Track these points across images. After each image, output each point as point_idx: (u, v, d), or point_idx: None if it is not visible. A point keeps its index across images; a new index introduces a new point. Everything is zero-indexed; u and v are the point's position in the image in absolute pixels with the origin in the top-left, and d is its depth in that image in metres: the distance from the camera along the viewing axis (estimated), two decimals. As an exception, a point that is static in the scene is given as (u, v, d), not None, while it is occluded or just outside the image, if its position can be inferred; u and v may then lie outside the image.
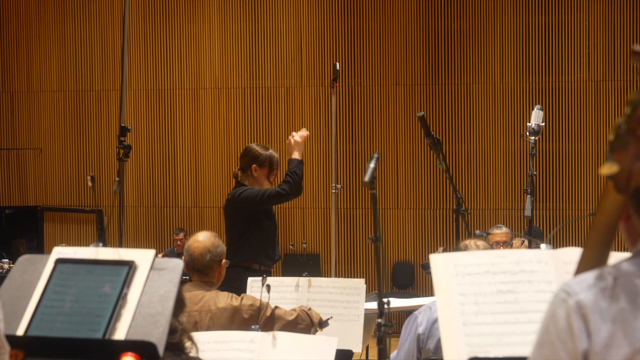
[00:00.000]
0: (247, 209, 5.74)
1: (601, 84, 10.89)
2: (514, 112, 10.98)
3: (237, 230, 5.77)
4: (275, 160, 5.93)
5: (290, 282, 4.88)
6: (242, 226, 5.77)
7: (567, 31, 10.96)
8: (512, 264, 2.50)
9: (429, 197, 11.26)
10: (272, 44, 11.64)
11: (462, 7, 11.16)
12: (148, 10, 11.96)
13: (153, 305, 2.33)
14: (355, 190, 11.28)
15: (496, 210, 11.02)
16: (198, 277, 4.17)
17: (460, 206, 5.14)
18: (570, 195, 10.95)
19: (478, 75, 11.12)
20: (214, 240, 4.19)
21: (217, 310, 4.07)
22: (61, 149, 12.21)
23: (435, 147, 4.90)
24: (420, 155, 11.21)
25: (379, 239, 2.78)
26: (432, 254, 2.53)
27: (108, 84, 12.07)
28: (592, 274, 1.71)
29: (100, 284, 2.37)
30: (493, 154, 11.10)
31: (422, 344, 3.78)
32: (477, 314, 2.41)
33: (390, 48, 11.32)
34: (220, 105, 11.82)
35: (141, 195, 11.98)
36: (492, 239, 6.74)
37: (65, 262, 2.40)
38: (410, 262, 11.27)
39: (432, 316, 3.80)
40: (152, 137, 11.96)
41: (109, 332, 2.25)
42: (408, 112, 11.18)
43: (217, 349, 3.48)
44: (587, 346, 1.63)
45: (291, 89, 11.61)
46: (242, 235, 5.72)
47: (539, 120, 6.05)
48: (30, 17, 12.29)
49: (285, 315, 4.18)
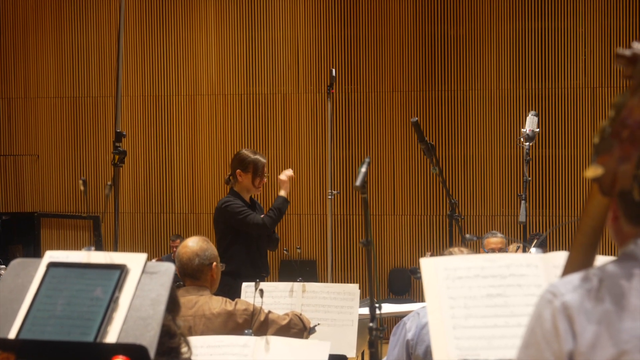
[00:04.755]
0: (228, 221, 5.80)
1: (596, 91, 10.91)
2: (510, 118, 11.00)
3: (224, 242, 5.81)
4: (260, 165, 5.92)
5: (285, 287, 4.89)
6: (230, 236, 5.81)
7: (562, 38, 10.98)
8: (502, 268, 2.51)
9: (425, 204, 11.27)
10: (269, 51, 11.65)
11: (458, 14, 11.19)
12: (145, 16, 11.98)
13: (145, 309, 2.33)
14: (351, 196, 11.29)
15: (492, 216, 11.03)
16: (191, 282, 4.18)
17: (454, 211, 5.15)
18: (566, 201, 10.96)
19: (473, 82, 11.14)
20: (202, 244, 4.21)
21: (211, 315, 4.08)
22: (58, 156, 12.21)
23: (429, 152, 4.91)
24: (417, 162, 11.22)
25: (370, 242, 2.79)
26: (422, 258, 2.54)
27: (105, 91, 12.08)
28: (578, 276, 1.73)
29: (92, 287, 2.38)
30: (489, 161, 11.12)
31: (411, 349, 3.78)
32: (467, 318, 2.42)
33: (386, 55, 11.34)
34: (216, 111, 11.83)
35: (138, 201, 11.99)
36: (487, 246, 6.74)
37: (58, 265, 2.41)
38: (407, 269, 11.27)
39: (420, 322, 3.80)
40: (149, 144, 11.97)
41: (100, 335, 2.26)
42: (404, 118, 11.20)
43: (211, 353, 3.49)
44: (572, 347, 1.64)
45: (287, 95, 11.63)
46: (228, 249, 5.75)
47: (534, 126, 6.07)
48: (27, 24, 12.31)
49: (278, 320, 4.19)
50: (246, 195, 5.97)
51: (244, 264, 5.77)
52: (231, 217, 5.77)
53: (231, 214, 5.76)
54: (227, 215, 5.79)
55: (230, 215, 5.77)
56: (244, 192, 5.95)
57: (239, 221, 5.74)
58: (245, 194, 5.96)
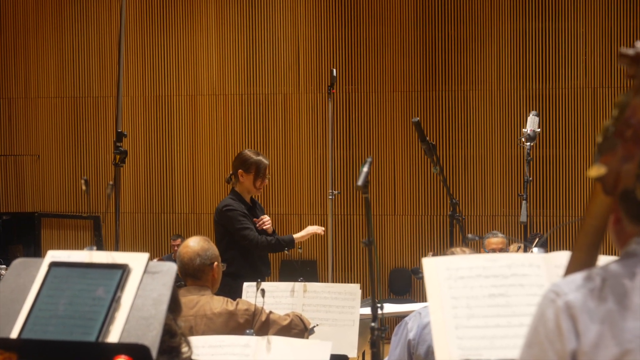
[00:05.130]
0: (226, 225, 5.82)
1: (598, 91, 10.91)
2: (511, 118, 11.00)
3: (224, 243, 5.82)
4: (262, 167, 5.91)
5: (286, 287, 4.89)
6: (228, 237, 5.83)
7: (564, 38, 10.98)
8: (504, 268, 2.51)
9: (426, 204, 11.27)
10: (270, 51, 11.65)
11: (459, 14, 11.19)
12: (145, 16, 11.97)
13: (146, 309, 2.34)
14: (352, 196, 11.29)
15: (493, 216, 11.03)
16: (192, 282, 4.18)
17: (455, 211, 5.14)
18: (567, 201, 10.96)
19: (475, 82, 11.13)
20: (203, 244, 4.21)
21: (213, 314, 4.08)
22: (59, 156, 12.21)
23: (430, 152, 4.91)
24: (418, 162, 11.22)
25: (372, 242, 2.79)
26: (425, 258, 2.54)
27: (106, 91, 12.09)
28: (581, 275, 1.73)
29: (94, 287, 2.38)
30: (490, 161, 11.12)
31: (412, 349, 3.78)
32: (469, 318, 2.42)
33: (387, 54, 11.34)
34: (217, 111, 11.83)
35: (138, 201, 11.99)
36: (488, 246, 6.73)
37: (59, 265, 2.41)
38: (407, 269, 11.27)
39: (422, 322, 3.81)
40: (150, 144, 11.97)
41: (102, 335, 2.26)
42: (405, 118, 11.20)
43: (212, 353, 3.49)
44: (575, 346, 1.64)
45: (288, 95, 11.63)
46: (228, 249, 5.75)
47: (535, 126, 6.08)
48: (28, 23, 12.31)
49: (279, 320, 4.20)
50: (247, 195, 5.98)
51: (244, 265, 5.78)
52: (229, 223, 5.80)
53: (229, 220, 5.79)
54: (225, 219, 5.81)
55: (229, 221, 5.79)
56: (244, 193, 5.95)
57: (236, 230, 5.77)
58: (246, 195, 5.96)
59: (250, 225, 5.82)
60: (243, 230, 5.76)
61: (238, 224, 5.77)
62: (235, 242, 5.84)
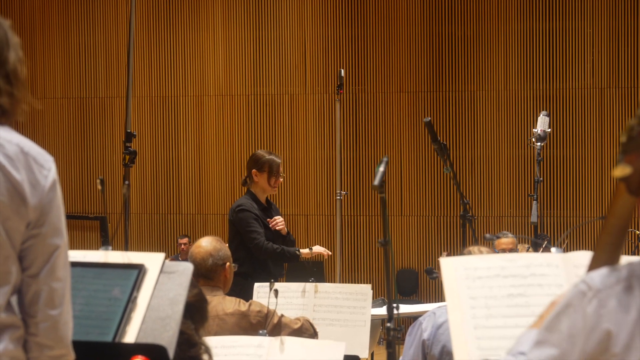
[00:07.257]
0: (237, 224, 5.86)
1: (605, 91, 10.89)
2: (520, 118, 10.97)
3: (236, 242, 5.85)
4: (275, 165, 5.95)
5: (297, 287, 4.88)
6: (240, 236, 5.86)
7: (572, 38, 10.96)
8: (522, 268, 2.49)
9: (433, 204, 11.25)
10: (277, 51, 11.65)
11: (467, 14, 11.17)
12: (152, 17, 11.98)
13: (163, 309, 2.33)
14: (360, 197, 11.27)
15: (502, 217, 11.01)
16: (204, 282, 4.17)
17: (467, 212, 5.13)
18: (577, 201, 10.94)
19: (483, 82, 11.12)
20: (215, 244, 4.21)
21: (225, 315, 4.08)
22: (65, 156, 12.20)
23: (442, 152, 4.89)
24: (425, 163, 11.20)
25: (388, 242, 2.77)
26: (442, 258, 2.53)
27: (112, 91, 12.09)
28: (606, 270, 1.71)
29: (110, 287, 2.38)
30: (499, 161, 11.10)
31: (427, 349, 3.77)
32: (488, 318, 2.41)
33: (395, 55, 11.32)
34: (224, 112, 11.83)
35: (145, 202, 11.98)
36: (497, 247, 6.72)
37: (75, 265, 2.40)
38: (414, 269, 11.26)
39: (436, 322, 3.79)
40: (156, 144, 11.97)
41: (119, 335, 2.25)
42: (413, 119, 11.18)
43: (225, 353, 3.48)
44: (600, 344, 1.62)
45: (295, 96, 11.62)
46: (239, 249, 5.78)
47: (545, 126, 6.06)
48: (35, 24, 12.31)
49: (291, 324, 4.20)
50: (262, 196, 6.00)
51: (255, 265, 5.80)
52: (239, 223, 5.84)
53: (240, 221, 5.84)
54: (237, 220, 5.86)
55: (239, 222, 5.84)
56: (260, 193, 5.99)
57: (245, 232, 5.83)
58: (261, 195, 5.99)
59: (259, 229, 5.84)
60: (251, 233, 5.80)
61: (247, 226, 5.81)
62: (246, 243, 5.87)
